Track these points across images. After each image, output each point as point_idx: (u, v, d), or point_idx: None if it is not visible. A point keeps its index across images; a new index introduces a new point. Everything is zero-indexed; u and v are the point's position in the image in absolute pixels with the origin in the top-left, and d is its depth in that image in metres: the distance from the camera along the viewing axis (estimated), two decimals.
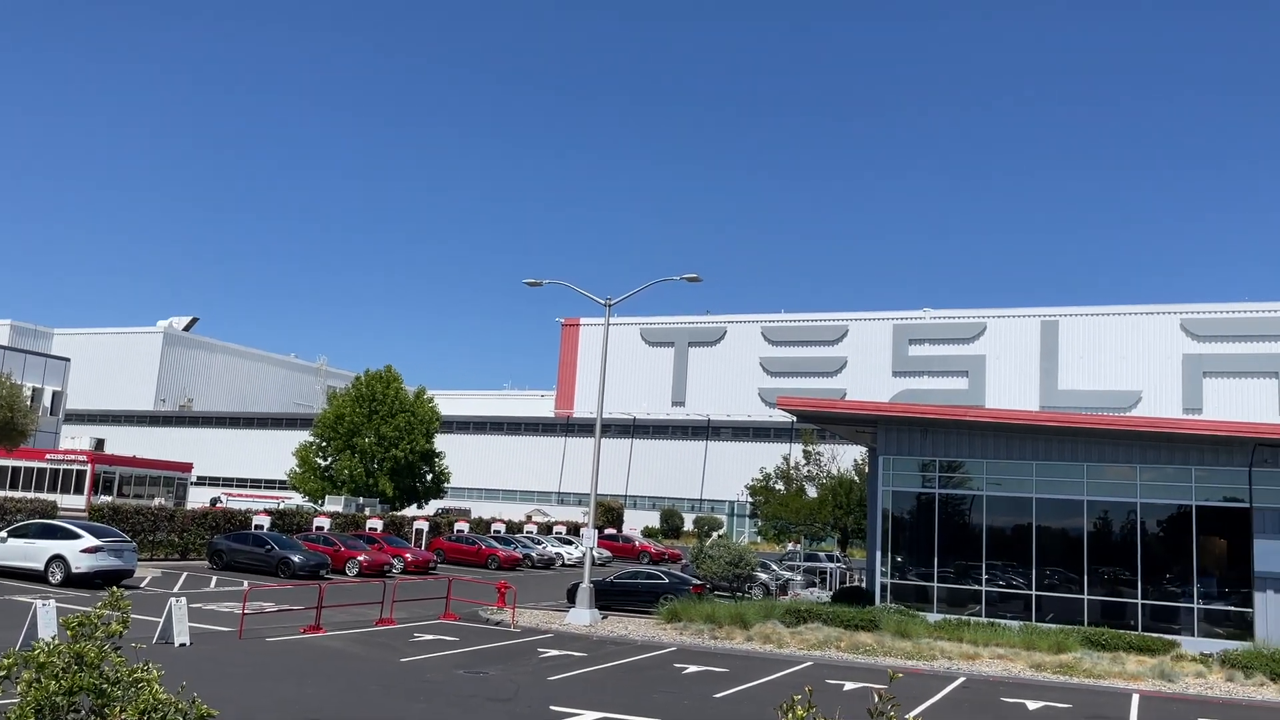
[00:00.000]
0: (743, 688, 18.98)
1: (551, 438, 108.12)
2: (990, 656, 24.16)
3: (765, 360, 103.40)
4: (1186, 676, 22.47)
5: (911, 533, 31.38)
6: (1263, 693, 21.36)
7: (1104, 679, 22.16)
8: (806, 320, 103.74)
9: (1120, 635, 25.41)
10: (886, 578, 30.97)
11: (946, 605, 29.88)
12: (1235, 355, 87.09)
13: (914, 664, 23.30)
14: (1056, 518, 29.76)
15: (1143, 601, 28.27)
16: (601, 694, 17.60)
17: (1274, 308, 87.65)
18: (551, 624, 27.78)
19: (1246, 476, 27.58)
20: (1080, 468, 29.44)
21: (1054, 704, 19.04)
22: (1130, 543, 28.77)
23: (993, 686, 20.92)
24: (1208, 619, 27.70)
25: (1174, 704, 19.86)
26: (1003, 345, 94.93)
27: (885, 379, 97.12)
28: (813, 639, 25.34)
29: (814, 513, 57.07)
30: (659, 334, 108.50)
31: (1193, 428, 30.68)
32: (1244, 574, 27.37)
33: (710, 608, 27.76)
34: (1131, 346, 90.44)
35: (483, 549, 49.32)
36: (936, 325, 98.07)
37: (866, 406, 34.44)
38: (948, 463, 31.04)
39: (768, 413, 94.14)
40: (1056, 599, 29.18)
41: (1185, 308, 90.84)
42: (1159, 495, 28.66)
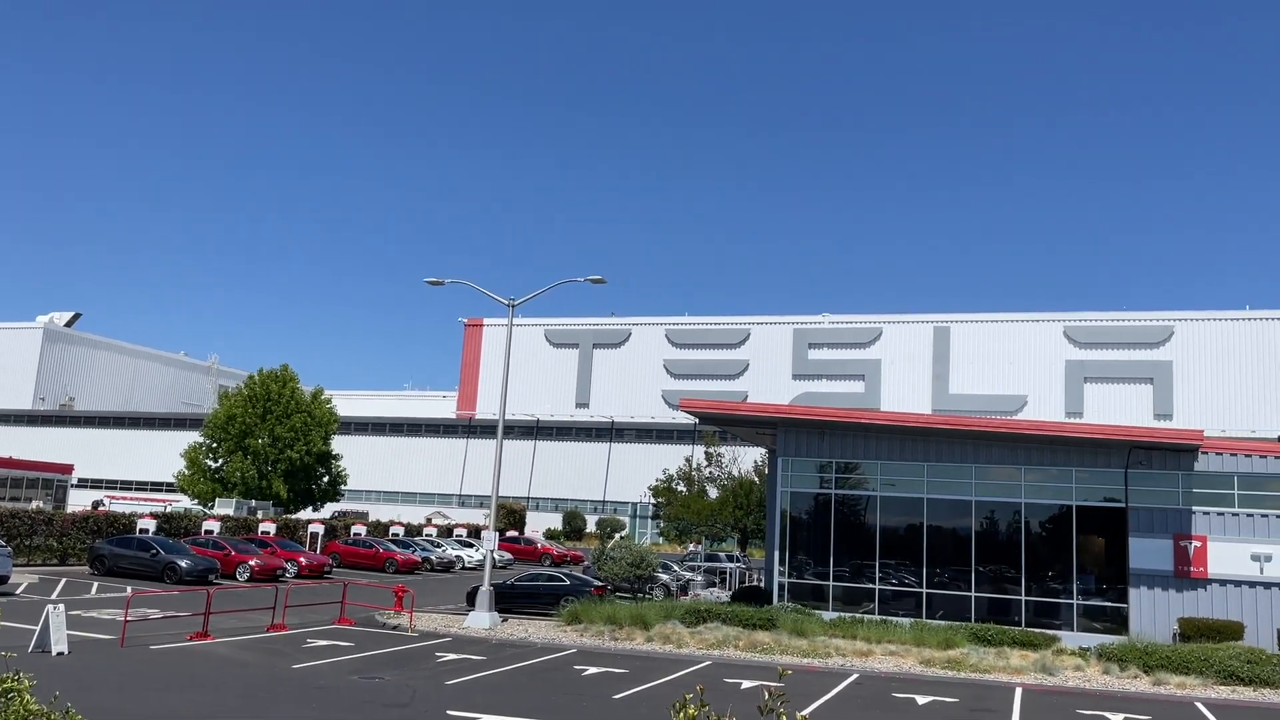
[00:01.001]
0: (642, 688, 19.06)
1: (453, 439, 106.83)
2: (883, 653, 24.77)
3: (669, 362, 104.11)
4: (1066, 670, 23.42)
5: (809, 533, 31.99)
6: (1136, 684, 22.41)
7: (989, 673, 22.94)
8: (710, 324, 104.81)
9: (1005, 631, 26.34)
10: (784, 577, 31.50)
11: (842, 604, 30.55)
12: (1114, 361, 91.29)
13: (810, 662, 23.75)
14: (946, 517, 30.72)
15: (1026, 598, 29.39)
16: (500, 697, 17.45)
17: (1150, 317, 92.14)
18: (450, 628, 27.43)
19: (1123, 477, 28.93)
20: (969, 469, 30.46)
21: (942, 698, 19.63)
22: (1015, 542, 29.88)
23: (884, 682, 21.47)
24: (1086, 614, 28.95)
25: (1054, 696, 20.69)
26: (898, 350, 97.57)
27: (786, 382, 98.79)
28: (712, 639, 25.59)
29: (715, 514, 57.69)
30: (563, 335, 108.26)
31: (1073, 431, 32.04)
32: (1120, 571, 28.71)
33: (611, 609, 27.80)
34: (1018, 352, 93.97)
35: (380, 552, 48.41)
36: (835, 330, 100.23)
37: (767, 409, 35.00)
38: (844, 464, 31.75)
39: (671, 415, 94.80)
40: (946, 596, 30.12)
41: (1068, 316, 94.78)
42: (1042, 496, 29.85)
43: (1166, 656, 23.34)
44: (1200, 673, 22.68)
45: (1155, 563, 28.13)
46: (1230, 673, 22.51)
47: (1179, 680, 22.42)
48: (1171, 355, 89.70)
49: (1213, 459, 28.41)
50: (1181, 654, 23.38)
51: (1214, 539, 27.82)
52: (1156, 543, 28.21)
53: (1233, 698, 21.27)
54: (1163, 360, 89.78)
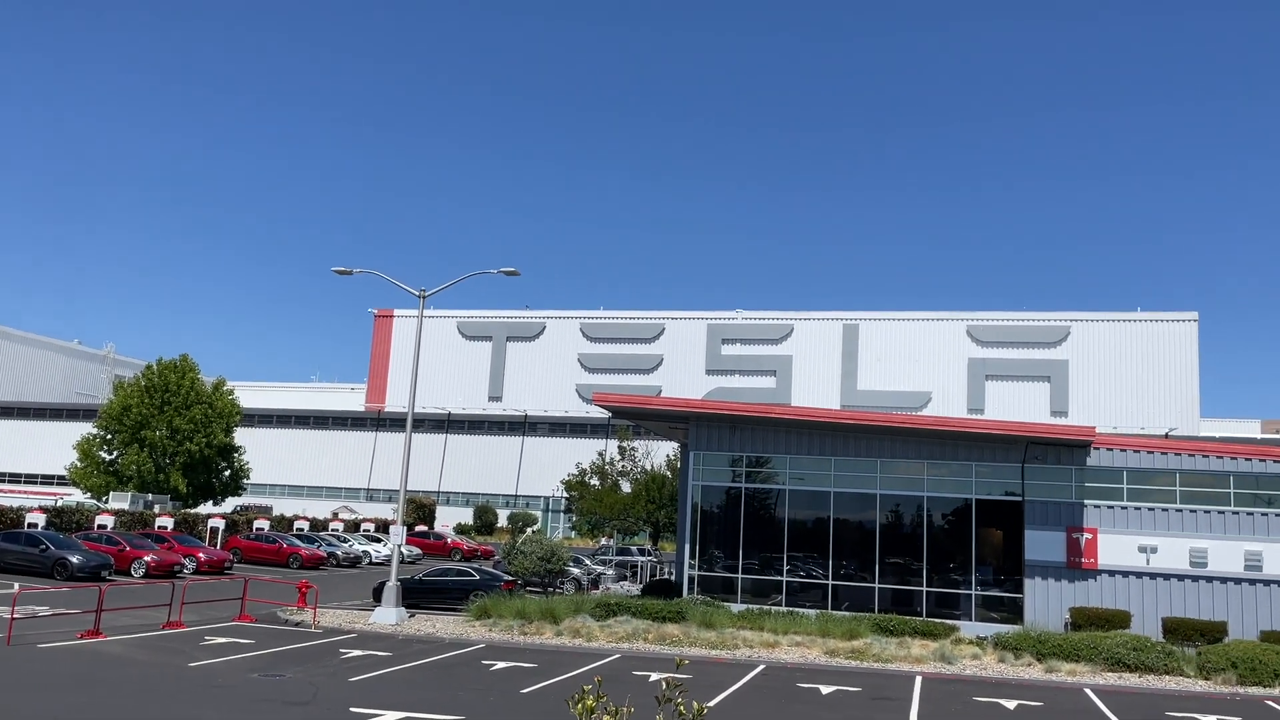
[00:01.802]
0: (550, 682, 19.00)
1: (362, 432, 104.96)
2: (789, 644, 25.18)
3: (584, 356, 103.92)
4: (964, 658, 24.14)
5: (719, 526, 32.33)
6: (1030, 672, 23.22)
7: (891, 663, 23.51)
8: (625, 318, 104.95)
9: (906, 621, 27.03)
10: (695, 570, 31.77)
11: (751, 596, 30.96)
12: (1013, 360, 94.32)
13: (718, 654, 24.00)
14: (853, 511, 31.38)
15: (927, 589, 30.20)
16: (405, 693, 17.20)
17: (1048, 317, 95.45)
18: (356, 624, 26.96)
19: (1020, 472, 29.93)
20: (875, 463, 31.16)
21: (845, 688, 20.03)
22: (918, 534, 30.68)
23: (790, 673, 21.81)
24: (985, 604, 29.89)
25: (952, 684, 21.30)
26: (808, 346, 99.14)
27: (699, 377, 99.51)
28: (621, 632, 25.67)
29: (628, 508, 57.85)
30: (477, 328, 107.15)
31: (974, 427, 32.99)
32: (1017, 563, 29.71)
33: (521, 604, 27.66)
34: (923, 350, 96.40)
35: (284, 547, 47.29)
36: (748, 326, 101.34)
37: (679, 403, 35.21)
38: (755, 458, 32.16)
39: (585, 408, 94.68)
40: (851, 588, 30.77)
41: (971, 315, 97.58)
42: (944, 489, 30.70)
43: (1058, 645, 24.24)
44: (1090, 660, 23.63)
45: (1049, 554, 29.19)
46: (1117, 660, 23.50)
47: (1070, 668, 23.31)
48: (1068, 355, 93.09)
49: (1104, 454, 29.58)
50: (1072, 642, 24.31)
51: (1104, 531, 28.97)
52: (1051, 535, 29.27)
53: (1119, 684, 22.20)
54: (1059, 359, 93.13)
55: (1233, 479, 28.72)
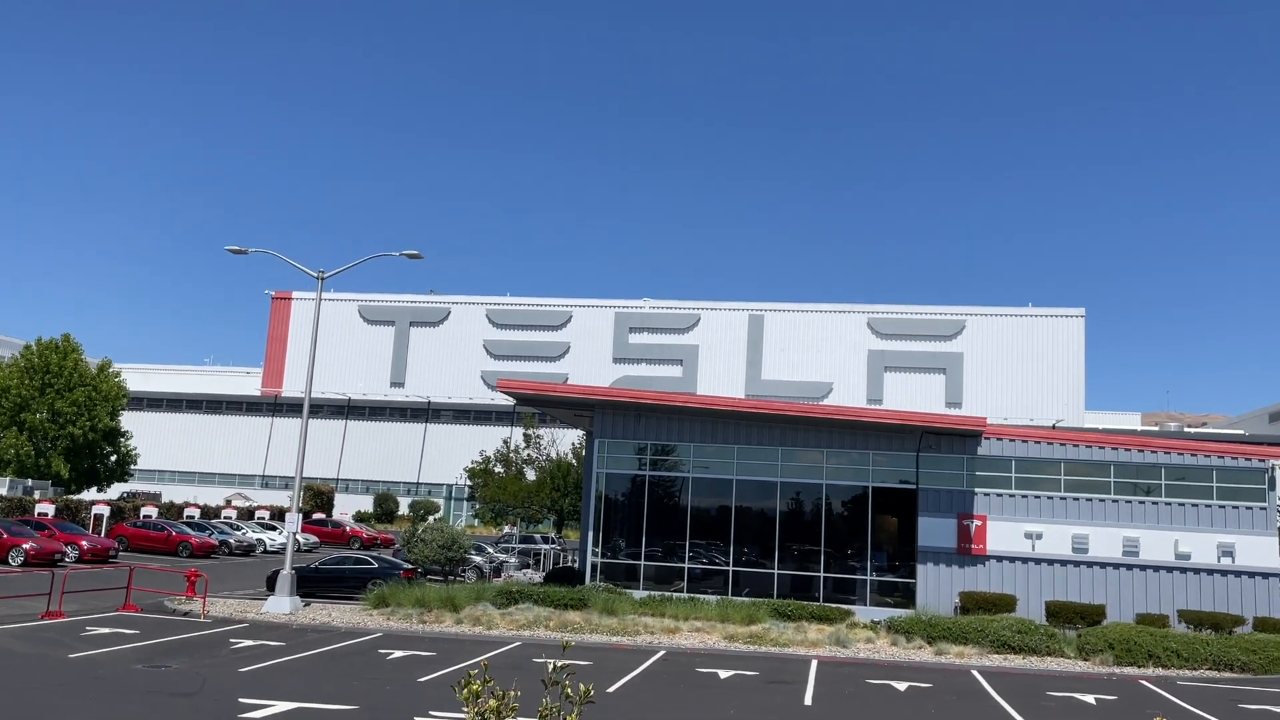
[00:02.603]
0: (448, 670, 18.78)
1: (257, 417, 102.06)
2: (690, 630, 25.41)
3: (489, 343, 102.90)
4: (859, 642, 24.72)
5: (624, 514, 32.41)
6: (920, 655, 23.91)
7: (789, 647, 23.93)
8: (532, 305, 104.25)
9: (804, 606, 27.54)
10: (598, 557, 31.80)
11: (653, 583, 31.15)
12: (911, 352, 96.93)
13: (619, 640, 24.08)
14: (755, 498, 31.80)
15: (825, 575, 30.83)
16: (297, 684, 16.78)
17: (944, 311, 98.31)
18: (247, 613, 26.22)
19: (915, 461, 30.75)
20: (777, 452, 31.62)
21: (743, 672, 20.30)
22: (817, 521, 31.28)
23: (690, 658, 22.01)
24: (879, 590, 30.66)
25: (846, 668, 21.78)
26: (715, 336, 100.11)
27: (606, 365, 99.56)
28: (523, 619, 25.55)
29: (532, 495, 57.53)
30: (379, 312, 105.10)
31: (872, 416, 33.77)
32: (911, 549, 30.53)
33: (420, 592, 27.29)
34: (825, 341, 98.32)
35: (173, 535, 45.68)
36: (655, 315, 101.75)
37: (584, 390, 35.14)
38: (660, 446, 32.32)
39: (490, 395, 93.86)
40: (752, 574, 31.21)
41: (871, 308, 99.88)
42: (843, 478, 31.34)
43: (948, 628, 25.02)
44: (977, 643, 24.45)
45: (941, 540, 30.08)
46: (1003, 642, 24.37)
47: (958, 650, 24.08)
48: (962, 348, 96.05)
49: (994, 444, 30.59)
50: (961, 626, 25.12)
51: (993, 518, 29.98)
52: (943, 522, 30.16)
53: (1005, 665, 23.03)
54: (954, 352, 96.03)
55: (1113, 469, 30.02)
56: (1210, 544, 29.02)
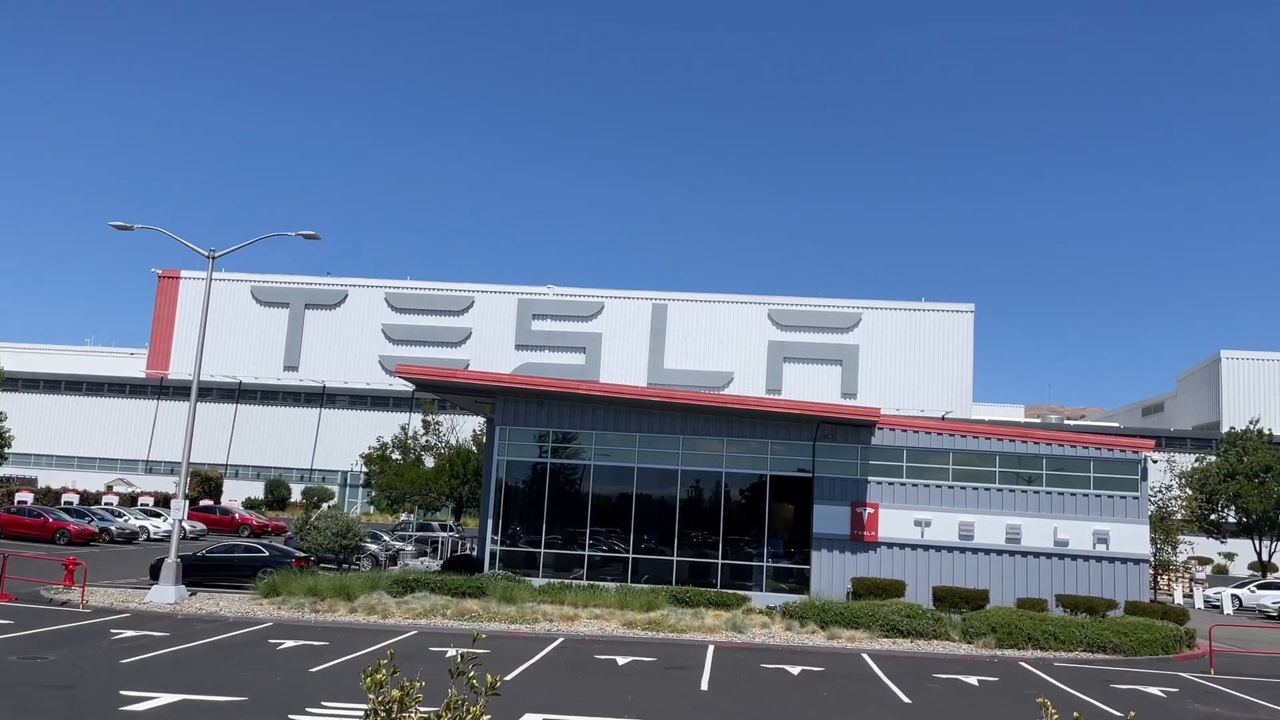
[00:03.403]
0: (342, 660, 18.42)
1: (142, 400, 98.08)
2: (589, 617, 25.47)
3: (388, 327, 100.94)
4: (754, 627, 25.15)
5: (524, 501, 32.26)
6: (813, 639, 24.47)
7: (686, 633, 24.21)
8: (433, 289, 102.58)
9: (702, 593, 27.87)
10: (497, 545, 31.60)
11: (553, 570, 31.11)
12: (810, 343, 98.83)
13: (517, 628, 23.99)
14: (655, 486, 32.03)
15: (723, 561, 31.27)
16: (183, 675, 16.23)
17: (842, 304, 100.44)
18: (130, 603, 25.27)
19: (811, 450, 31.39)
20: (678, 440, 31.89)
21: (641, 658, 20.46)
22: (716, 509, 31.68)
23: (588, 645, 22.06)
24: (775, 576, 31.24)
25: (742, 652, 22.15)
26: (618, 324, 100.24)
27: (508, 352, 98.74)
28: (419, 608, 25.23)
29: (430, 483, 56.68)
30: (273, 293, 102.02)
31: (771, 406, 34.33)
32: (806, 536, 31.18)
33: (313, 581, 26.68)
34: (727, 331, 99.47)
35: (50, 522, 43.67)
36: (559, 302, 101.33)
37: (485, 377, 34.74)
38: (562, 434, 32.26)
39: (388, 381, 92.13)
40: (652, 561, 31.44)
41: (772, 299, 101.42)
42: (742, 466, 31.80)
43: (840, 613, 25.67)
44: (868, 627, 25.15)
45: (835, 528, 30.80)
46: (892, 626, 25.13)
47: (850, 634, 24.73)
48: (859, 340, 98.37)
49: (887, 434, 31.44)
50: (853, 610, 25.80)
51: (885, 506, 30.84)
52: (837, 509, 30.89)
53: (894, 648, 23.74)
54: (851, 344, 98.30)
55: (998, 459, 31.16)
56: (1087, 531, 30.40)
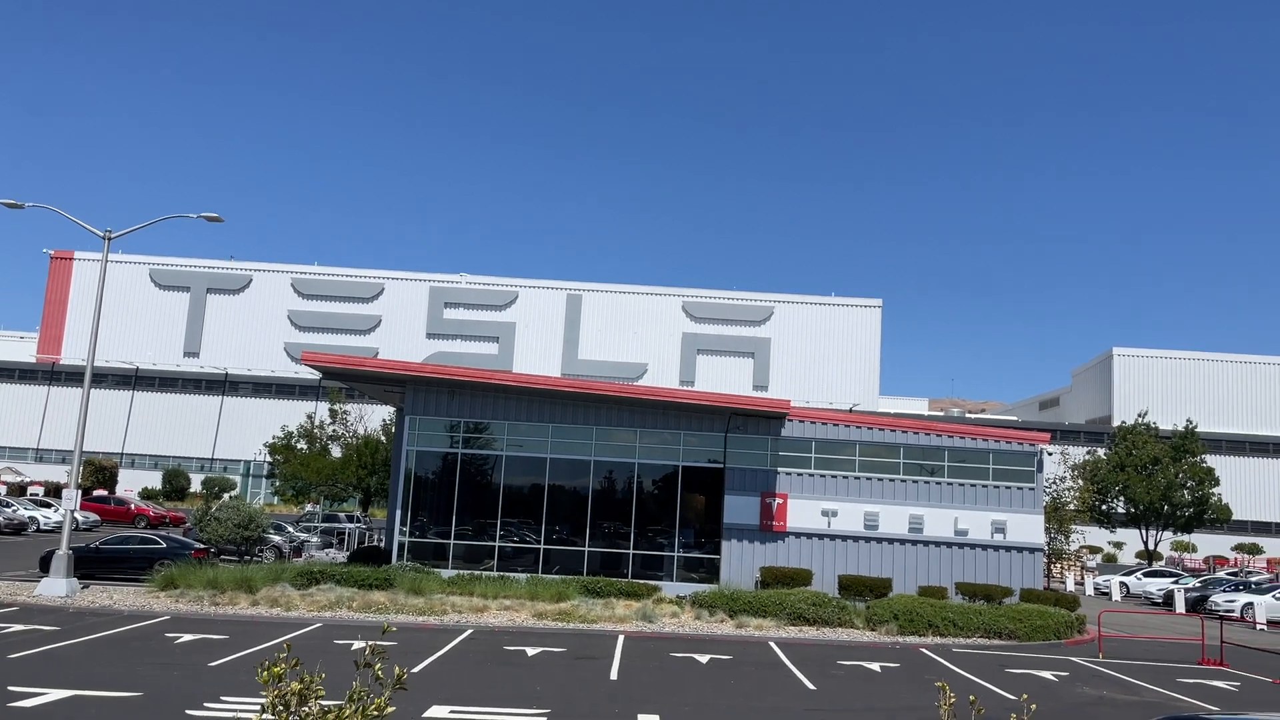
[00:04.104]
0: (242, 654, 17.94)
1: (32, 386, 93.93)
2: (498, 608, 25.31)
3: (294, 314, 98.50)
4: (664, 617, 25.32)
5: (434, 492, 31.85)
6: (722, 628, 24.75)
7: (597, 623, 24.24)
8: (342, 275, 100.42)
9: (613, 583, 27.94)
10: (405, 536, 31.15)
11: (463, 562, 30.82)
12: (723, 336, 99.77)
13: (426, 619, 23.70)
14: (568, 477, 31.96)
15: (634, 552, 31.38)
16: (75, 671, 15.61)
17: (755, 298, 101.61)
18: (18, 596, 24.22)
19: (723, 441, 31.70)
20: (591, 431, 31.87)
21: (551, 649, 20.41)
22: (629, 500, 31.77)
23: (498, 636, 21.92)
24: (686, 566, 31.49)
25: (651, 642, 22.28)
26: (532, 314, 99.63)
27: (420, 340, 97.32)
28: (324, 600, 24.74)
29: (337, 473, 55.60)
30: (173, 277, 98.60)
31: (684, 397, 34.52)
32: (717, 526, 31.49)
33: (213, 573, 25.93)
34: (642, 323, 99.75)
35: None
36: (472, 291, 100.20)
37: (395, 365, 34.14)
38: (473, 424, 31.92)
39: (294, 368, 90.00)
40: (563, 552, 31.38)
41: (687, 292, 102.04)
42: (655, 457, 31.94)
43: (748, 602, 26.02)
44: (776, 616, 25.54)
45: (745, 518, 31.19)
46: (799, 614, 25.58)
47: (758, 622, 25.09)
48: (771, 333, 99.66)
49: (796, 426, 31.93)
50: (761, 599, 26.18)
51: (794, 496, 31.34)
52: (747, 500, 31.27)
53: (800, 636, 24.17)
54: (763, 337, 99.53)
55: (902, 451, 31.94)
56: (985, 521, 31.37)
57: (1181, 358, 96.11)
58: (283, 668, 4.76)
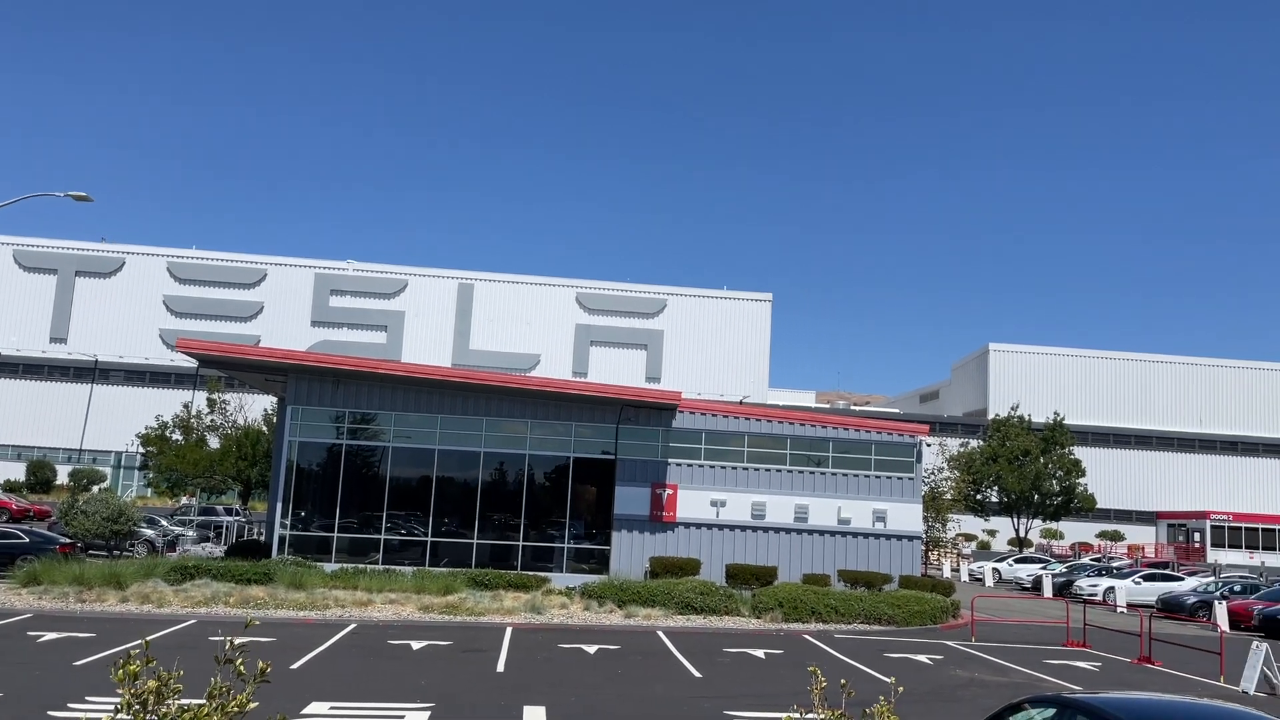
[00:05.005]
0: (110, 652, 17.16)
1: None
2: (383, 602, 24.84)
3: (170, 299, 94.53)
4: (554, 609, 25.26)
5: (317, 484, 31.04)
6: (611, 618, 24.83)
7: (484, 616, 24.03)
8: (222, 260, 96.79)
9: (501, 575, 27.73)
10: (287, 530, 30.29)
11: (348, 555, 30.12)
12: (616, 328, 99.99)
13: (307, 614, 23.11)
14: (458, 469, 31.55)
15: (524, 543, 31.21)
16: None
17: (648, 290, 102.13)
18: None
19: (615, 432, 31.78)
20: (481, 422, 31.52)
21: (437, 642, 20.13)
22: (519, 491, 31.56)
23: (382, 631, 21.52)
24: (577, 557, 31.48)
25: (540, 633, 22.20)
26: (422, 303, 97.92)
27: (305, 328, 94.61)
28: (199, 596, 23.87)
29: (215, 465, 53.68)
30: (39, 258, 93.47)
31: (576, 389, 34.53)
32: (608, 517, 31.57)
33: (79, 569, 24.74)
34: (535, 314, 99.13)
35: None
36: (360, 278, 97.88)
37: (276, 354, 33.11)
38: (359, 415, 31.22)
39: (170, 356, 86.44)
40: (452, 544, 30.98)
41: (581, 283, 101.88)
42: (547, 448, 31.80)
43: (637, 592, 26.17)
44: (664, 605, 25.76)
45: (636, 509, 31.35)
46: (687, 604, 25.85)
47: (647, 612, 25.26)
48: (664, 325, 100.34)
49: (688, 418, 32.25)
50: (650, 589, 26.36)
51: (684, 487, 31.64)
52: (638, 491, 31.44)
53: (688, 625, 24.44)
54: (656, 329, 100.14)
55: (789, 442, 32.57)
56: (867, 510, 32.27)
57: (1053, 354, 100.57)
58: (137, 666, 4.54)
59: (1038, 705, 8.93)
